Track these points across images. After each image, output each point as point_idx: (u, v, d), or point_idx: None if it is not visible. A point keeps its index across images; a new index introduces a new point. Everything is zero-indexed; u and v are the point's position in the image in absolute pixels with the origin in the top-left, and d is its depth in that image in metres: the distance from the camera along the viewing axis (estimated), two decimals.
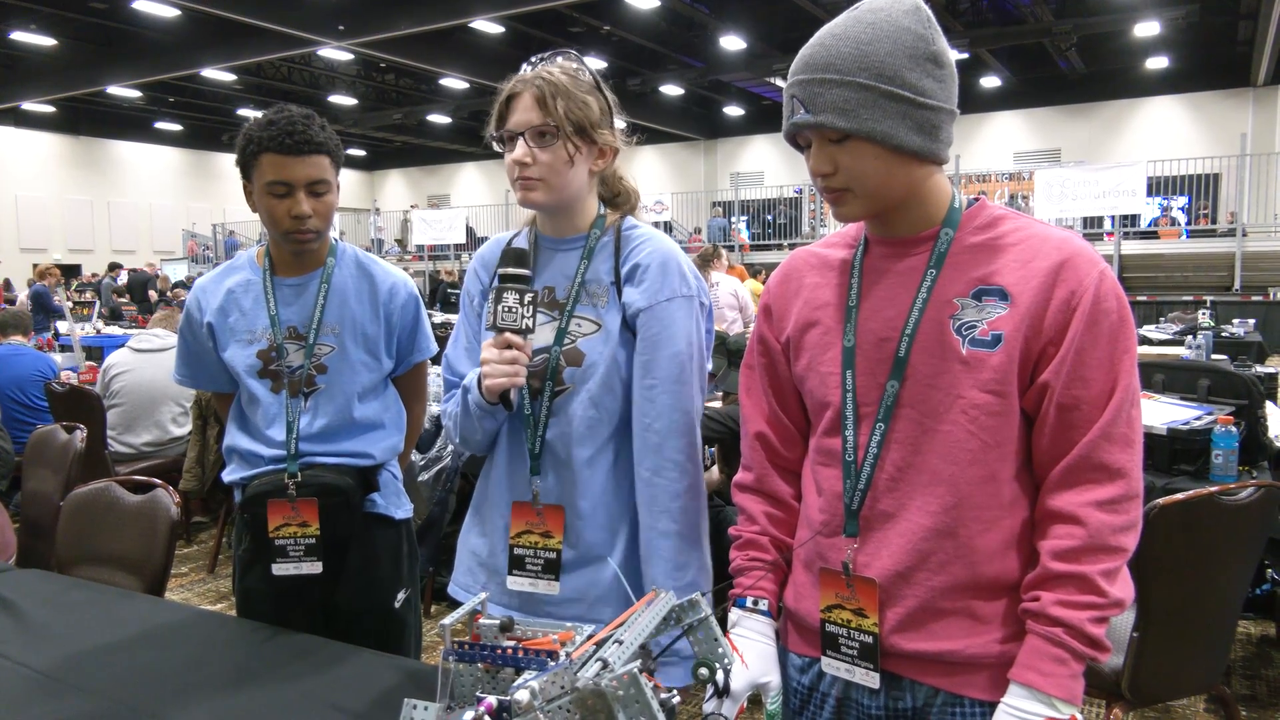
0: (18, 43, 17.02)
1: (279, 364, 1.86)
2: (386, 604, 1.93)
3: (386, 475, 1.97)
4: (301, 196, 1.77)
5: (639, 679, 0.87)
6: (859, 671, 1.21)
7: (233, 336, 1.89)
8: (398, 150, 28.73)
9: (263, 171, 1.76)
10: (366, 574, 1.91)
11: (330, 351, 1.87)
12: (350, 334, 1.89)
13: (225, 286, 1.92)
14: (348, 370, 1.88)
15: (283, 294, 1.89)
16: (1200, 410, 3.01)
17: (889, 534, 1.18)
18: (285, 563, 1.81)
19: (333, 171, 1.82)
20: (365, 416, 1.90)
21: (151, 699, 1.40)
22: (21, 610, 1.77)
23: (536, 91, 1.42)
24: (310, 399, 1.87)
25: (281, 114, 1.77)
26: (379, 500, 1.93)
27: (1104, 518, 1.09)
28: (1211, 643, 2.23)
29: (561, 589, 1.51)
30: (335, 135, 1.84)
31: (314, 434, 1.86)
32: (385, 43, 15.85)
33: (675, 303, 1.47)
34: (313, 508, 1.80)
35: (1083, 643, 1.08)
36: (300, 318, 1.88)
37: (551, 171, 1.44)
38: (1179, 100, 19.14)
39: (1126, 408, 1.11)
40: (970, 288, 1.16)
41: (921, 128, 1.13)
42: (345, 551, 1.88)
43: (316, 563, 1.81)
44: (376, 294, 1.92)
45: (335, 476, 1.83)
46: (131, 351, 4.73)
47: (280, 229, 1.80)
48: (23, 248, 23.56)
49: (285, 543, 1.81)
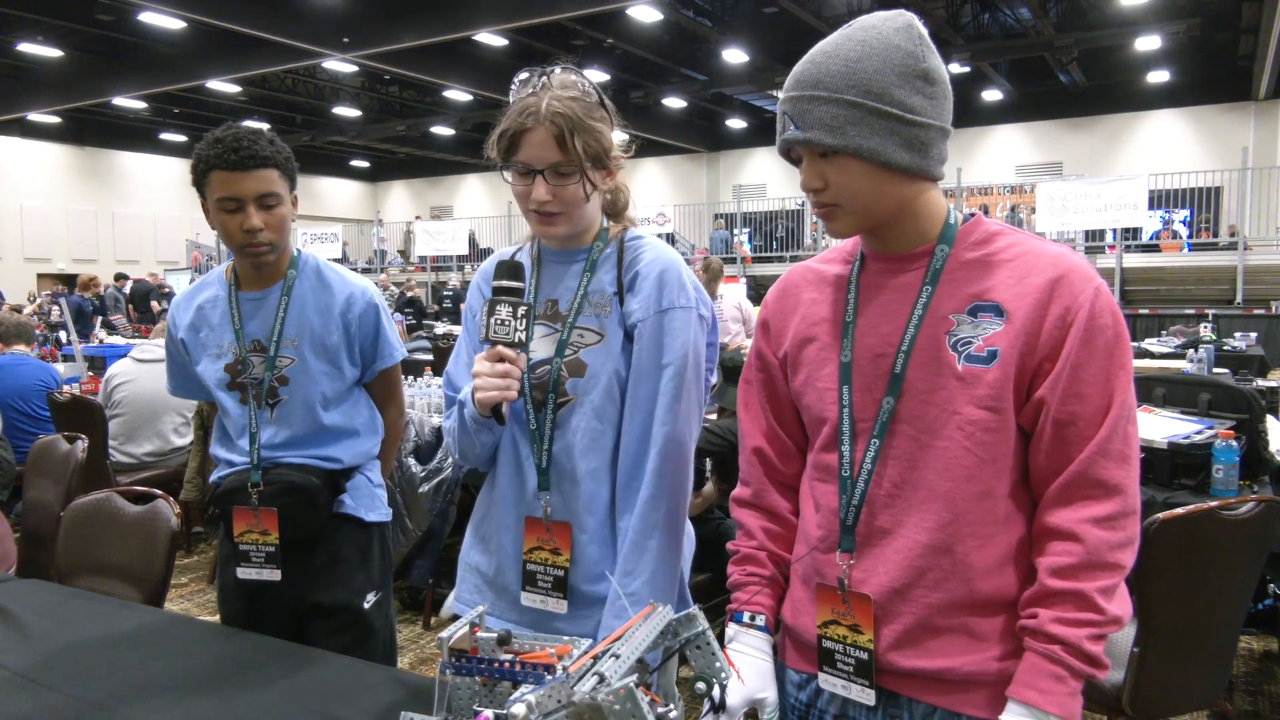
0: (24, 54, 17.12)
1: (244, 376, 1.92)
2: (354, 604, 1.97)
3: (360, 479, 2.01)
4: (251, 210, 1.81)
5: (635, 693, 0.87)
6: (855, 688, 1.21)
7: (203, 351, 1.97)
8: (401, 162, 28.83)
9: (213, 188, 1.81)
10: (332, 572, 1.95)
11: (291, 363, 1.92)
12: (309, 345, 1.93)
13: (196, 303, 1.99)
14: (309, 381, 1.93)
15: (246, 308, 1.95)
16: (1201, 424, 3.00)
17: (885, 550, 1.18)
18: (248, 568, 1.89)
19: (284, 184, 1.86)
20: (334, 424, 1.96)
21: (143, 707, 1.40)
22: (20, 620, 1.77)
23: (555, 130, 1.40)
24: (275, 409, 1.92)
25: (229, 131, 1.82)
26: (348, 501, 1.98)
27: (1101, 534, 1.09)
28: (1213, 658, 2.23)
29: (573, 605, 1.50)
30: (286, 149, 1.88)
31: (279, 443, 1.92)
32: (389, 55, 15.94)
33: (672, 314, 1.46)
34: (273, 517, 1.86)
35: (1081, 660, 1.08)
36: (262, 331, 1.93)
37: (572, 205, 1.45)
38: (1180, 114, 19.18)
39: (1123, 424, 1.11)
40: (966, 304, 1.16)
41: (910, 145, 1.14)
42: (312, 550, 1.93)
43: (276, 570, 1.88)
44: (334, 304, 1.96)
45: (300, 476, 1.89)
46: (133, 361, 4.74)
47: (235, 243, 1.86)
48: (27, 257, 23.62)
49: (248, 548, 1.88)
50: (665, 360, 1.45)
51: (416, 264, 20.92)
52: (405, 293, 16.02)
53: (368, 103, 22.11)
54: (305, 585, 1.93)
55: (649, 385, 1.45)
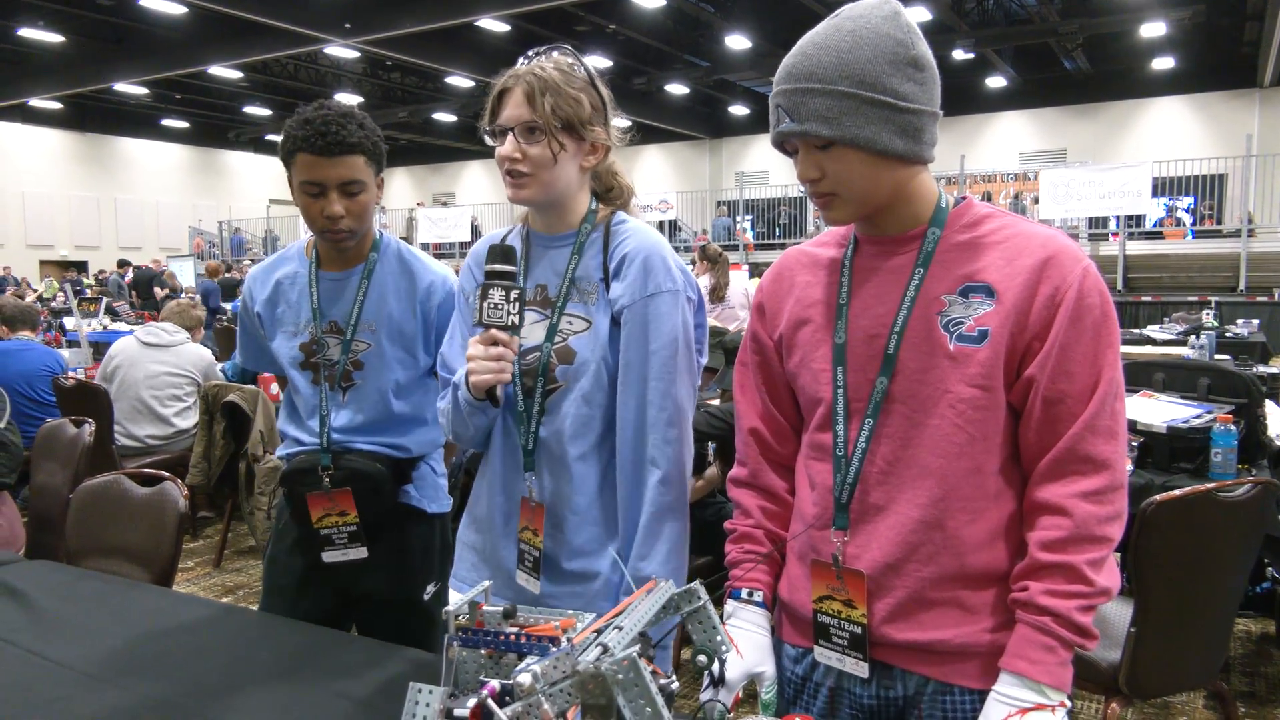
0: (26, 39, 17.09)
1: (319, 357, 1.90)
2: (414, 596, 1.95)
3: (424, 469, 1.99)
4: (334, 197, 1.79)
5: (638, 663, 0.89)
6: (849, 661, 1.23)
7: (279, 327, 1.95)
8: (403, 148, 28.77)
9: (298, 170, 1.79)
10: (395, 564, 1.94)
11: (367, 348, 1.90)
12: (387, 331, 1.91)
13: (275, 278, 1.97)
14: (384, 367, 1.91)
15: (325, 288, 1.92)
16: (1200, 409, 3.02)
17: (879, 526, 1.21)
18: (333, 550, 1.87)
19: (370, 171, 1.82)
20: (403, 412, 1.93)
21: (156, 684, 1.42)
22: (32, 600, 1.80)
23: (526, 87, 1.43)
24: (348, 393, 1.91)
25: (320, 112, 1.77)
26: (412, 492, 1.96)
27: (1090, 508, 1.11)
28: (1209, 638, 2.25)
29: (557, 585, 1.52)
30: (377, 132, 1.84)
31: (351, 428, 1.90)
32: (391, 41, 15.90)
33: (660, 298, 1.46)
34: (348, 497, 1.85)
35: (1071, 631, 1.10)
36: (341, 313, 1.91)
37: (539, 167, 1.45)
38: (1185, 101, 19.10)
39: (1110, 401, 1.13)
40: (957, 285, 1.18)
41: (904, 131, 1.15)
42: (376, 539, 1.91)
43: (362, 548, 1.87)
44: (415, 292, 1.93)
45: (366, 463, 1.87)
46: (137, 343, 4.76)
47: (315, 227, 1.84)
48: (29, 244, 23.66)
49: (330, 532, 1.87)
50: (655, 345, 1.46)
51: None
52: None
53: (369, 89, 22.06)
54: (359, 573, 1.91)
55: (640, 370, 1.46)
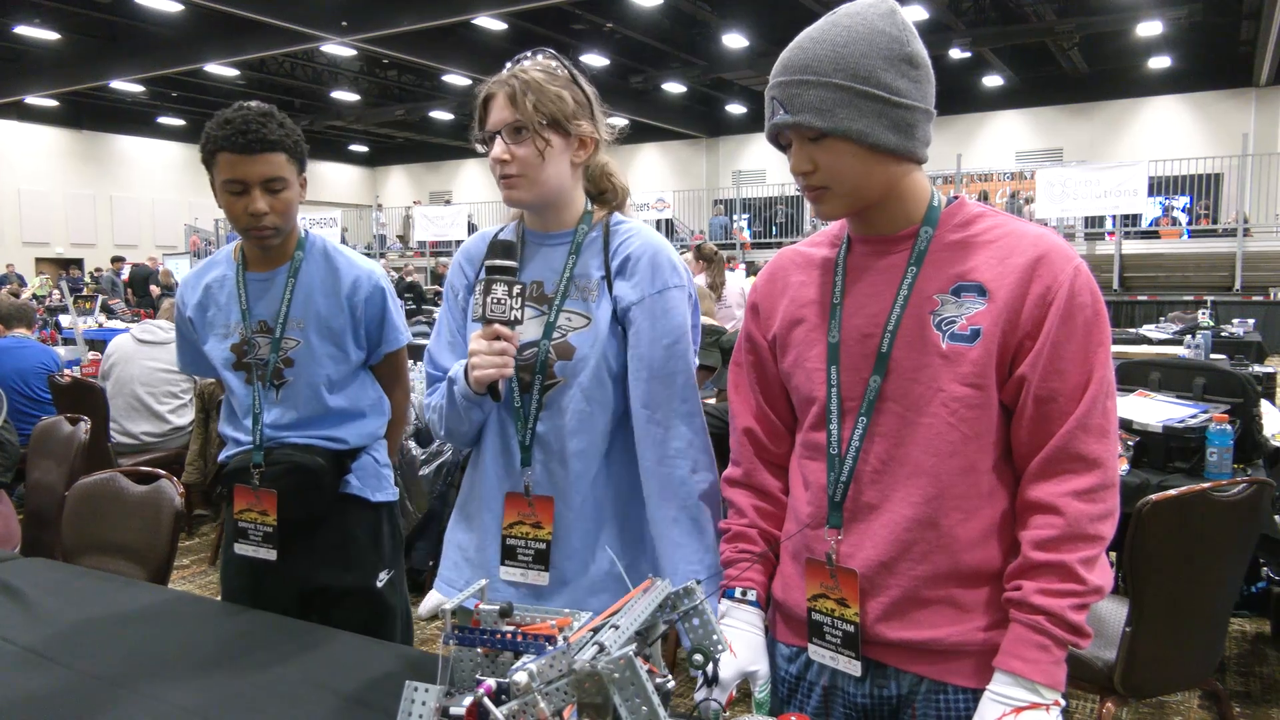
0: (21, 36, 17.04)
1: (250, 357, 1.92)
2: (368, 584, 1.98)
3: (366, 459, 2.02)
4: (257, 194, 1.80)
5: (634, 662, 0.89)
6: (842, 659, 1.24)
7: (210, 330, 1.97)
8: (400, 146, 28.75)
9: (220, 170, 1.80)
10: (343, 552, 1.97)
11: (296, 345, 1.92)
12: (315, 328, 1.93)
13: (204, 282, 1.99)
14: (314, 363, 1.93)
15: (253, 288, 1.95)
16: (1196, 408, 3.02)
17: (872, 525, 1.21)
18: (245, 544, 1.90)
19: (291, 168, 1.84)
20: (339, 406, 1.96)
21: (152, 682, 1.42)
22: (28, 598, 1.79)
23: (509, 90, 1.45)
24: (280, 391, 1.93)
25: (238, 112, 1.79)
26: (354, 481, 1.99)
27: (1082, 507, 1.12)
28: (1204, 638, 2.25)
29: (551, 579, 1.53)
30: (296, 131, 1.86)
31: (286, 424, 1.93)
32: (388, 39, 15.87)
33: (669, 294, 1.49)
34: (272, 499, 1.87)
35: (1064, 629, 1.10)
36: (269, 312, 1.93)
37: (528, 166, 1.46)
38: (1181, 100, 19.13)
39: (1101, 399, 1.14)
40: (949, 284, 1.18)
41: (897, 126, 1.16)
42: (317, 531, 1.93)
43: (272, 550, 1.89)
44: (340, 288, 1.95)
45: (304, 456, 1.89)
46: (133, 340, 4.77)
47: (239, 226, 1.85)
48: (25, 241, 23.58)
49: (247, 526, 1.90)
50: (668, 339, 1.48)
51: (415, 249, 20.89)
52: (404, 278, 16.02)
53: (366, 87, 22.02)
54: (311, 567, 1.93)
55: (654, 364, 1.47)
